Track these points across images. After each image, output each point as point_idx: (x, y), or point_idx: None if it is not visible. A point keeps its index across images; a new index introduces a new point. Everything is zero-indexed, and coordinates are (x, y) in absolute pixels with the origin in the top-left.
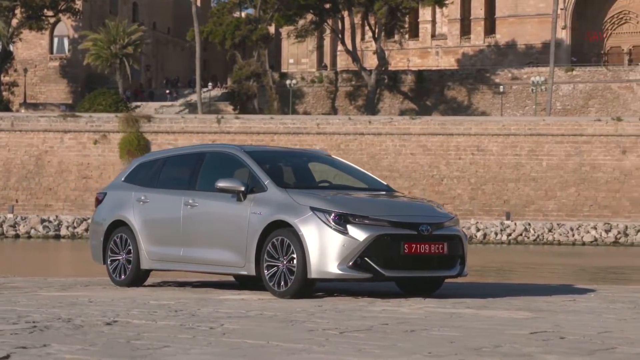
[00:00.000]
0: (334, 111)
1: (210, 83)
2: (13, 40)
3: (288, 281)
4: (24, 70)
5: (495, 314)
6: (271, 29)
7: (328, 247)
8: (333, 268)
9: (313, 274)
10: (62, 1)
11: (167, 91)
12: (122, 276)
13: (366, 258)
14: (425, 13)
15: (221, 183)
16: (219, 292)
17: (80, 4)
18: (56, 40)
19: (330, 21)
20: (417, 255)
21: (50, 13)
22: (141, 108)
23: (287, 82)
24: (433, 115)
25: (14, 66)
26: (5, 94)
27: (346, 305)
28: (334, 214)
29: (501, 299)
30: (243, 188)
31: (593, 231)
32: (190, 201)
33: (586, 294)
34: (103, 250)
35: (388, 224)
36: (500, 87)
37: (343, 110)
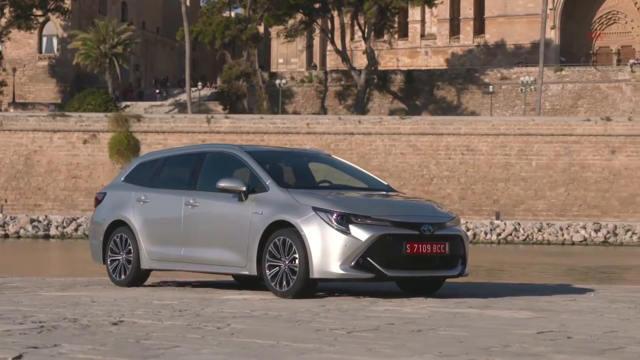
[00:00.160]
0: (324, 111)
1: (199, 83)
2: (2, 39)
3: (290, 281)
4: (13, 69)
5: (498, 314)
6: (260, 29)
7: (330, 247)
8: (335, 268)
9: (315, 274)
10: (51, 0)
11: (157, 91)
12: (122, 276)
13: (368, 258)
14: (414, 13)
15: (222, 183)
16: (221, 292)
17: (69, 4)
18: (45, 39)
19: (319, 21)
20: (419, 255)
21: (39, 12)
22: (130, 108)
23: (277, 82)
24: (422, 115)
25: (3, 66)
26: None
27: (349, 305)
28: (336, 214)
29: (502, 299)
30: (244, 188)
31: (582, 231)
32: (191, 201)
33: (586, 294)
34: (103, 250)
35: (390, 224)
36: (489, 87)
37: (332, 110)
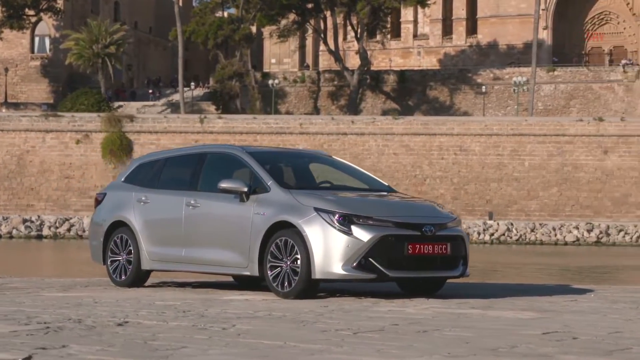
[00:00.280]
0: (316, 111)
1: (192, 83)
2: None
3: (292, 282)
4: (5, 69)
5: (501, 315)
6: (253, 29)
7: (332, 248)
8: (337, 268)
9: (317, 275)
10: (44, 0)
11: (150, 91)
12: (123, 277)
13: (370, 258)
14: (407, 13)
15: (224, 184)
16: (222, 293)
17: (61, 3)
18: (37, 39)
19: (312, 21)
20: (421, 255)
21: (31, 12)
22: (123, 108)
23: (270, 82)
24: (415, 115)
25: None
26: None
27: (351, 305)
28: (338, 215)
29: (503, 299)
30: (246, 189)
31: (575, 231)
32: (192, 202)
33: (585, 294)
34: (103, 250)
35: (392, 225)
36: (482, 88)
37: (325, 110)
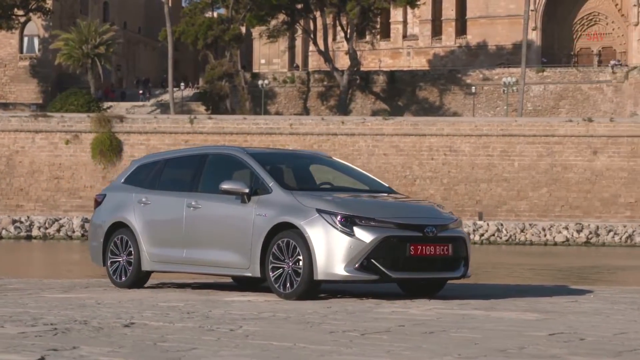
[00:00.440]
0: (306, 111)
1: (182, 83)
2: None
3: (294, 283)
4: None
5: (505, 315)
6: (242, 29)
7: (335, 249)
8: (340, 270)
9: (319, 276)
10: (33, 0)
11: (140, 91)
12: (123, 278)
13: (372, 260)
14: (396, 14)
15: (225, 185)
16: (223, 294)
17: (50, 4)
18: (26, 39)
19: (302, 21)
20: (423, 256)
21: (20, 12)
22: (112, 108)
23: (259, 83)
24: (405, 115)
25: None
26: None
27: (354, 306)
28: (341, 216)
29: (504, 300)
30: (247, 190)
31: (565, 231)
32: (193, 203)
33: (585, 295)
34: (103, 251)
35: (394, 226)
36: (471, 88)
37: (315, 110)
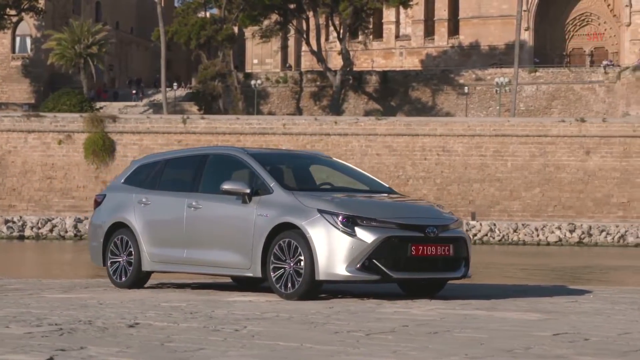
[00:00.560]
0: (299, 111)
1: (175, 83)
2: None
3: (295, 283)
4: None
5: (507, 316)
6: (235, 29)
7: (336, 249)
8: (341, 270)
9: (321, 276)
10: (25, 0)
11: (134, 91)
12: (123, 278)
13: (374, 260)
14: (389, 14)
15: (226, 185)
16: (224, 294)
17: (43, 3)
18: (18, 39)
19: (294, 22)
20: (424, 257)
21: (12, 12)
22: (105, 108)
23: (252, 83)
24: (397, 115)
25: None
26: None
27: (356, 306)
28: (342, 216)
29: (505, 301)
30: (248, 190)
31: (557, 231)
32: (193, 203)
33: (584, 295)
34: (103, 252)
35: (395, 226)
36: (464, 88)
37: (308, 110)
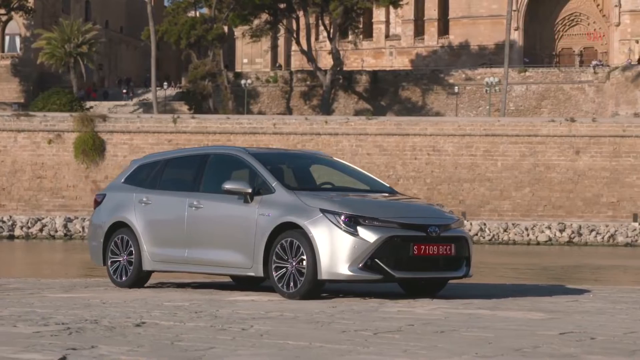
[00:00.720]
0: (289, 111)
1: (165, 82)
2: None
3: (297, 282)
4: None
5: (511, 315)
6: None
7: (338, 249)
8: (343, 269)
9: (323, 275)
10: None
11: (124, 91)
12: (123, 277)
13: (376, 259)
14: (379, 14)
15: (228, 185)
16: (225, 294)
17: (32, 2)
18: (7, 38)
19: (284, 21)
20: (426, 256)
21: (2, 11)
22: (95, 107)
23: (242, 82)
24: (387, 115)
25: None
26: None
27: (359, 306)
28: (344, 216)
29: (506, 300)
30: (250, 190)
31: (547, 231)
32: (195, 203)
33: (584, 295)
34: (103, 251)
35: (397, 226)
36: (454, 88)
37: (298, 110)
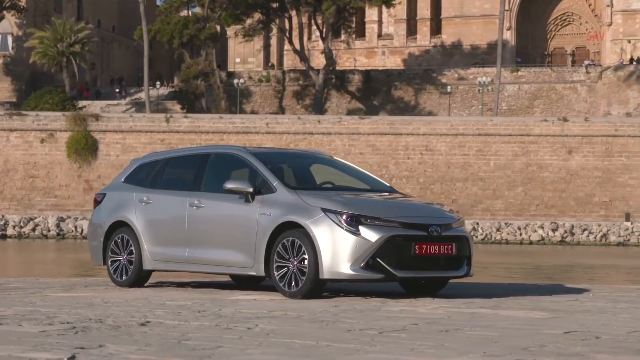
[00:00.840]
0: (281, 110)
1: (158, 82)
2: None
3: (299, 282)
4: None
5: (513, 314)
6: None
7: (340, 248)
8: (345, 269)
9: (325, 275)
10: None
11: (117, 90)
12: (124, 277)
13: (378, 259)
14: (371, 13)
15: (229, 184)
16: (226, 293)
17: (24, 1)
18: None
19: (277, 20)
20: (427, 255)
21: None
22: (87, 107)
23: (235, 82)
24: (380, 114)
25: None
26: None
27: (361, 305)
28: (346, 215)
29: (507, 299)
30: (252, 189)
31: (540, 230)
32: (195, 202)
33: (583, 294)
34: (103, 251)
35: (399, 225)
36: (447, 87)
37: (290, 109)
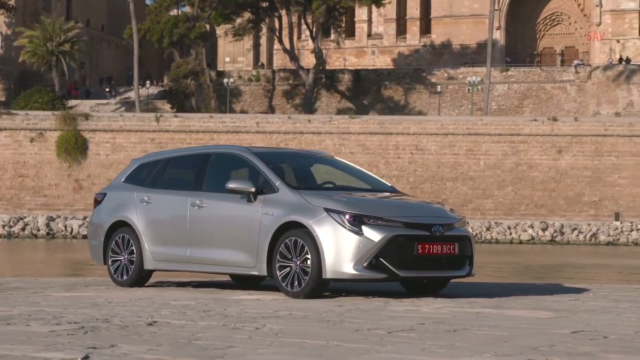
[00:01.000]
0: (271, 110)
1: (147, 81)
2: None
3: (302, 281)
4: None
5: (517, 314)
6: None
7: (343, 248)
8: (348, 268)
9: (328, 274)
10: None
11: (107, 89)
12: (124, 276)
13: (381, 258)
14: (361, 12)
15: (232, 184)
16: (229, 293)
17: (13, 0)
18: None
19: (267, 20)
20: (430, 255)
21: None
22: (77, 106)
23: (224, 81)
24: (370, 114)
25: None
26: None
27: (366, 305)
28: (349, 215)
29: (509, 299)
30: (254, 189)
31: (530, 230)
32: (197, 202)
33: (584, 294)
34: (103, 250)
35: (402, 225)
36: (437, 87)
37: (280, 109)
